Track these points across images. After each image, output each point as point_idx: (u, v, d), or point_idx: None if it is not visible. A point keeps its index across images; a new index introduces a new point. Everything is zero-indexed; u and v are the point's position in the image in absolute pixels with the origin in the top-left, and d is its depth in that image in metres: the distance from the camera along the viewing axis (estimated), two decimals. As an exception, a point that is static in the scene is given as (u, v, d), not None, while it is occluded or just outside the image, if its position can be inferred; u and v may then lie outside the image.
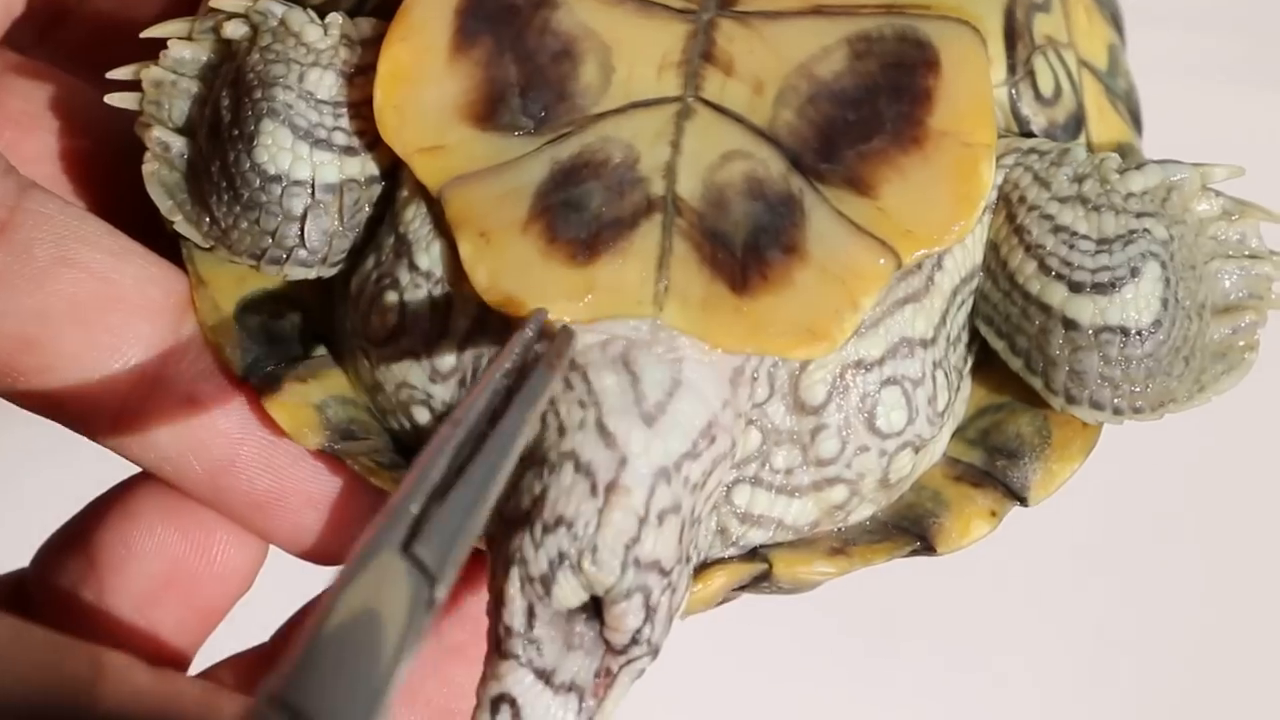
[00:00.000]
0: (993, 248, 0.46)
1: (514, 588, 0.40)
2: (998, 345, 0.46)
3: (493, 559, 0.41)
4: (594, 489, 0.40)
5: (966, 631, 0.86)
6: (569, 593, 0.40)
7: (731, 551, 0.45)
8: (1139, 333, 0.44)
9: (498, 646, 0.40)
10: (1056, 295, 0.45)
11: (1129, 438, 0.49)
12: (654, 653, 0.41)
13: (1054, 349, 0.45)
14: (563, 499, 0.40)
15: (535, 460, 0.41)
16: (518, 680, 0.40)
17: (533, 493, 0.40)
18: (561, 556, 0.39)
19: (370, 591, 0.31)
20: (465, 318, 0.43)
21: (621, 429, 0.40)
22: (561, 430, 0.41)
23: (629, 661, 0.41)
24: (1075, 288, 0.45)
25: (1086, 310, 0.44)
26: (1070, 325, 0.45)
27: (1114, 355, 0.45)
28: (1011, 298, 0.46)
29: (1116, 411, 0.45)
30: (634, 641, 0.40)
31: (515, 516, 0.41)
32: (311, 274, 0.46)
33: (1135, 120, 0.52)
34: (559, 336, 0.40)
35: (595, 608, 0.40)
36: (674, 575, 0.41)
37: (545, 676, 0.40)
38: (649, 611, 0.40)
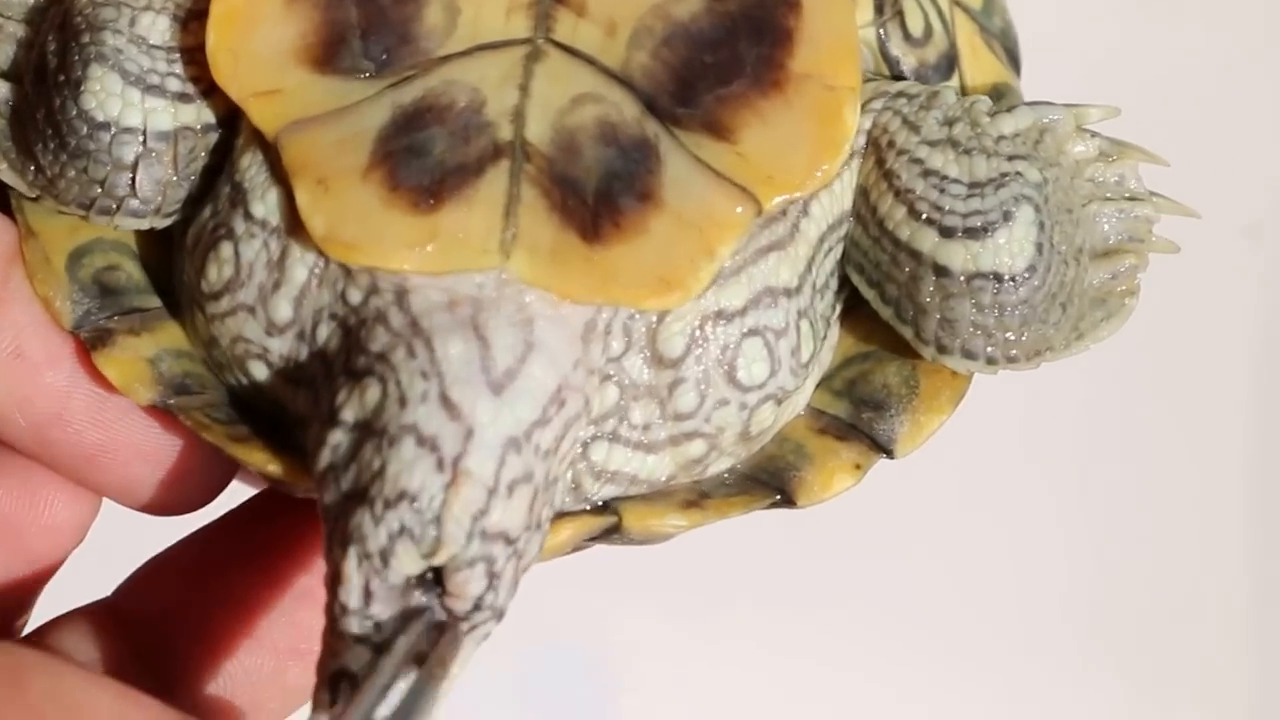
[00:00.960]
0: (862, 193, 0.45)
1: (351, 565, 0.38)
2: (868, 294, 0.45)
3: (329, 533, 0.40)
4: (440, 464, 0.38)
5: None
6: (408, 563, 0.38)
7: (583, 505, 0.44)
8: (1012, 279, 0.43)
9: (334, 624, 0.39)
10: (927, 241, 0.44)
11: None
12: (498, 617, 0.40)
13: (925, 297, 0.44)
14: (405, 474, 0.38)
15: (373, 432, 0.39)
16: (356, 657, 0.39)
17: (372, 468, 0.39)
18: (403, 529, 0.38)
19: None
20: (303, 268, 0.42)
21: (467, 400, 0.39)
22: (402, 402, 0.39)
23: (472, 627, 0.39)
24: (946, 233, 0.43)
25: (958, 256, 0.43)
26: (941, 272, 0.43)
27: (987, 302, 0.43)
28: (881, 244, 0.44)
29: (990, 361, 0.44)
30: (476, 608, 0.39)
31: (353, 491, 0.39)
32: (144, 224, 0.44)
33: (1013, 60, 0.51)
34: (444, 641, 0.39)
35: (435, 576, 0.39)
36: (520, 543, 0.39)
37: (384, 650, 0.39)
38: (492, 579, 0.39)
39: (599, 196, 0.41)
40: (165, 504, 0.46)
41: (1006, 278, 0.43)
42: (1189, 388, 0.91)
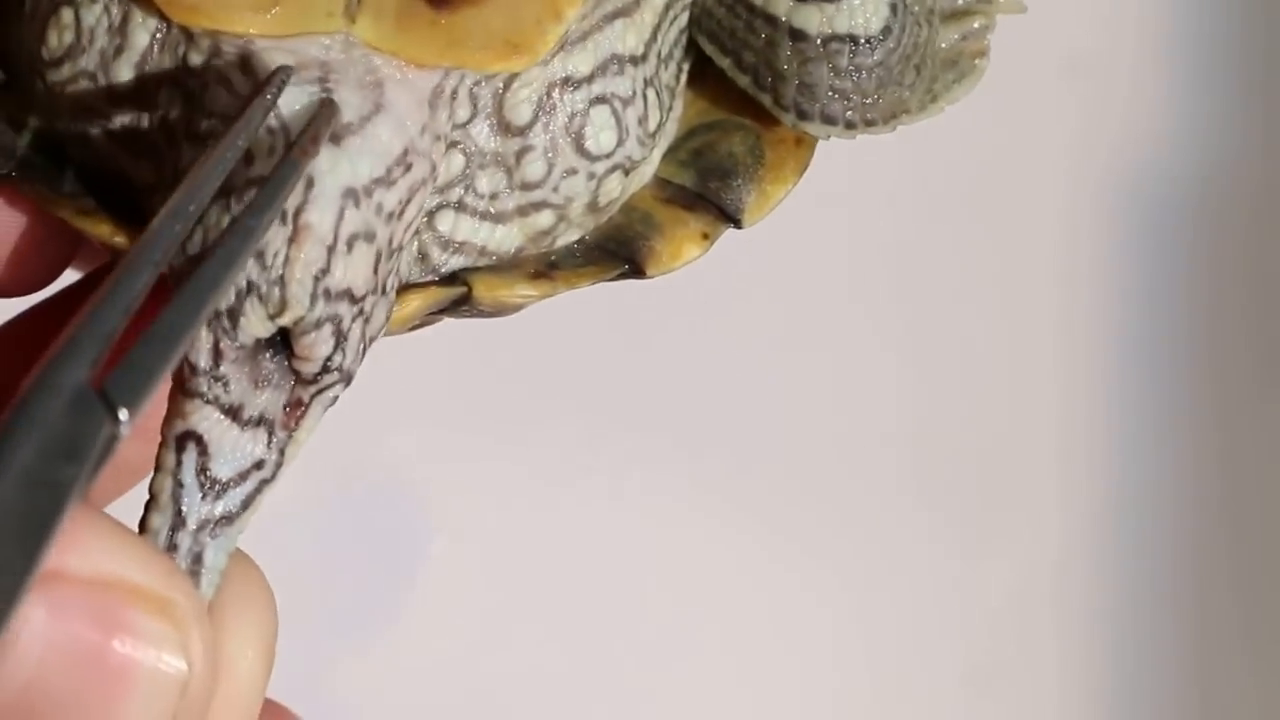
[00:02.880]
0: None
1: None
2: (722, 62, 0.45)
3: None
4: (282, 217, 0.38)
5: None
6: (256, 324, 0.38)
7: (431, 276, 0.44)
8: (868, 40, 0.43)
9: (182, 385, 0.39)
10: (782, 5, 0.44)
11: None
12: (347, 380, 0.40)
13: (781, 62, 0.44)
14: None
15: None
16: (204, 417, 0.39)
17: (220, 226, 0.38)
18: (250, 287, 0.38)
19: (44, 426, 0.30)
20: (144, 33, 0.41)
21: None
22: (249, 158, 0.39)
23: (320, 390, 0.40)
24: None
25: (814, 19, 0.43)
26: (797, 36, 0.44)
27: (844, 65, 0.44)
28: (735, 11, 0.44)
29: (849, 125, 0.44)
30: (325, 370, 0.39)
31: (199, 251, 0.39)
32: None
33: None
34: (320, 114, 0.38)
35: (283, 339, 0.39)
36: (367, 304, 0.39)
37: (232, 412, 0.39)
38: (340, 339, 0.39)
39: None
40: (5, 284, 0.45)
41: (862, 39, 0.43)
42: (1013, 220, 0.92)
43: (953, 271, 0.91)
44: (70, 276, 0.48)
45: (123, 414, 0.30)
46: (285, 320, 0.38)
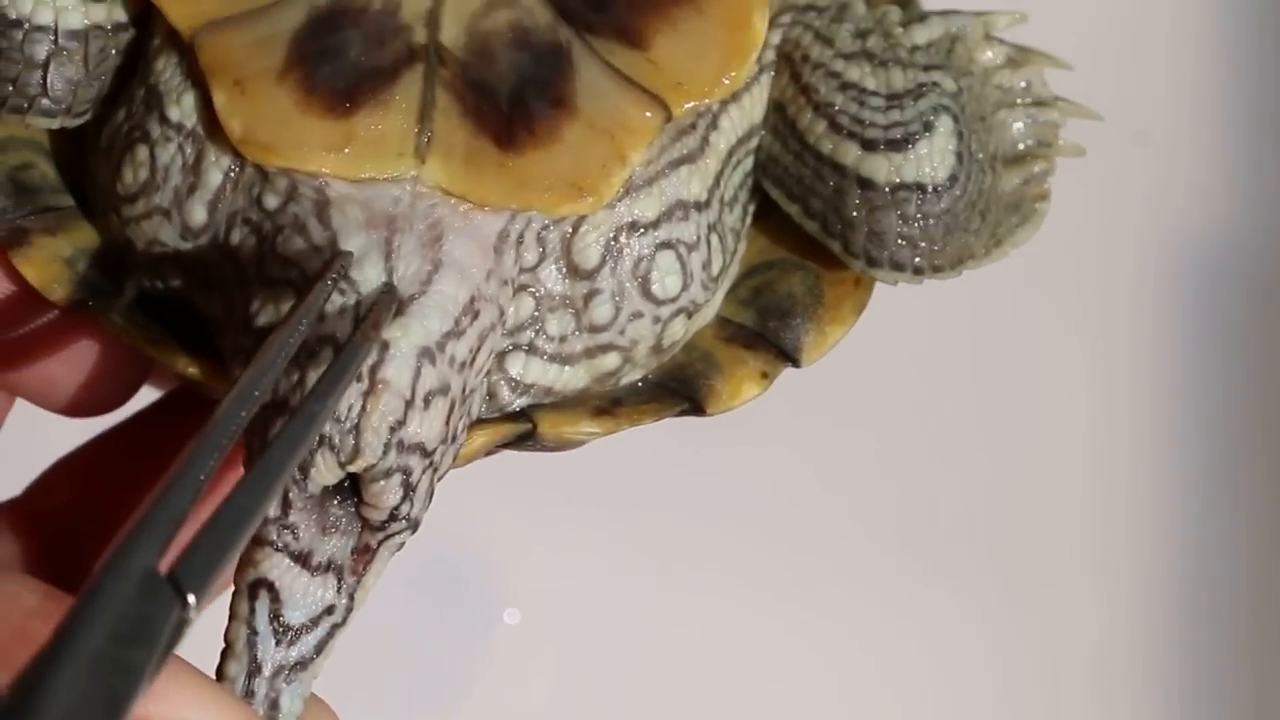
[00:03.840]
0: (778, 110, 0.45)
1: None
2: (791, 209, 0.46)
3: (247, 442, 0.40)
4: (358, 376, 0.39)
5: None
6: (326, 473, 0.39)
7: (497, 412, 0.44)
8: (935, 188, 0.44)
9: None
10: (850, 154, 0.44)
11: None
12: (414, 527, 0.41)
13: (850, 210, 0.44)
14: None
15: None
16: (274, 565, 0.40)
17: (290, 379, 0.39)
18: (321, 439, 0.38)
19: (115, 612, 0.30)
20: (218, 171, 0.42)
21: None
22: (320, 314, 0.39)
23: (387, 537, 0.40)
24: (869, 146, 0.44)
25: (881, 168, 0.44)
26: (866, 184, 0.44)
27: (912, 213, 0.44)
28: (803, 159, 0.45)
29: (917, 271, 0.45)
30: (392, 518, 0.40)
31: (271, 402, 0.39)
32: (55, 124, 0.44)
33: (915, -32, 0.52)
34: (380, 300, 0.39)
35: (351, 485, 0.40)
36: (437, 454, 0.40)
37: (302, 559, 0.40)
38: (408, 489, 0.40)
39: (513, 102, 0.41)
40: (80, 405, 0.46)
41: (930, 188, 0.44)
42: (1078, 289, 0.92)
43: (1008, 337, 0.91)
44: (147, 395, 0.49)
45: (191, 599, 0.31)
46: (356, 468, 0.39)
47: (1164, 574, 0.91)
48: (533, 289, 0.42)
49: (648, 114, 0.42)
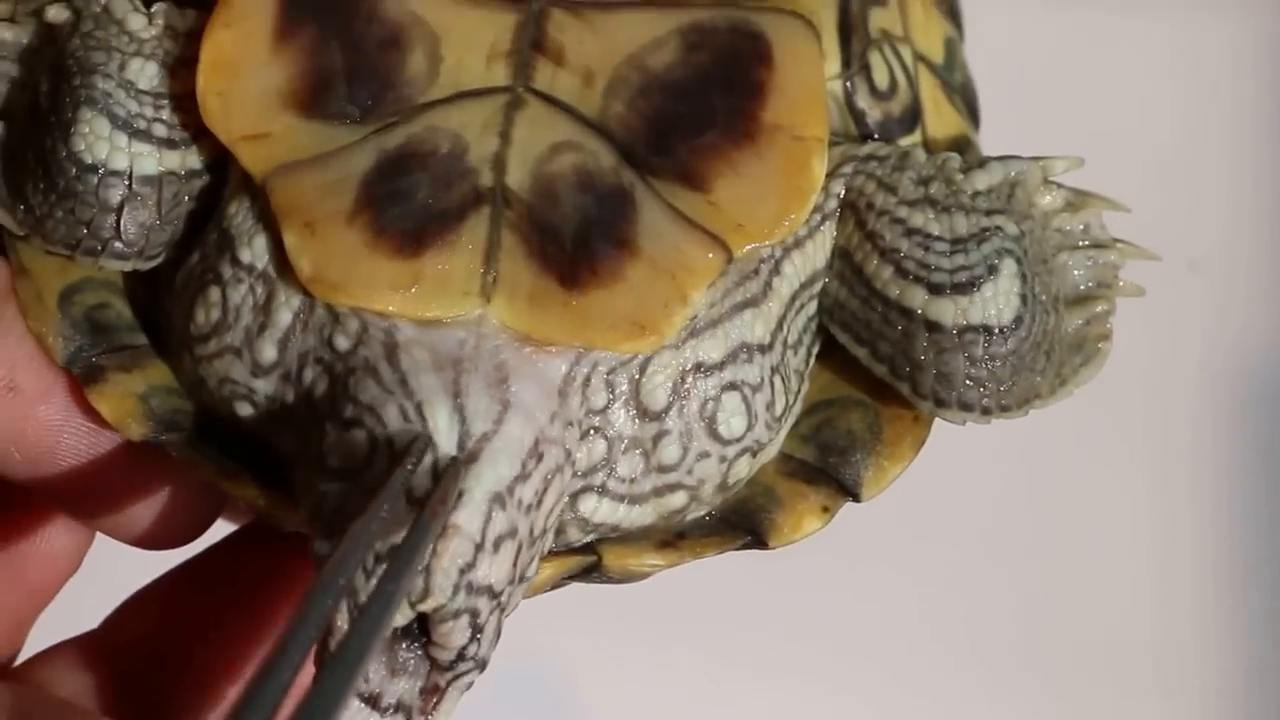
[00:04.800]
0: (845, 256, 0.46)
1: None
2: (859, 352, 0.46)
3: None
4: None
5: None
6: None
7: (562, 547, 0.45)
8: (1001, 330, 0.44)
9: None
10: (917, 298, 0.45)
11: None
12: (481, 666, 0.41)
13: (919, 353, 0.45)
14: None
15: (362, 485, 0.40)
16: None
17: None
18: None
19: None
20: (288, 311, 0.42)
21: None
22: (393, 459, 0.40)
23: (456, 677, 0.40)
24: (935, 290, 0.45)
25: (948, 311, 0.44)
26: (933, 328, 0.45)
27: (979, 355, 0.44)
28: (871, 304, 0.45)
29: (985, 411, 0.45)
30: (460, 658, 0.40)
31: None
32: (128, 266, 0.45)
33: (972, 113, 0.52)
34: (448, 474, 0.39)
35: (420, 627, 0.40)
36: (504, 595, 0.40)
37: (372, 700, 0.40)
38: (476, 630, 0.40)
39: (577, 243, 0.41)
40: (155, 538, 0.46)
41: (996, 329, 0.44)
42: (1140, 416, 0.92)
43: (1072, 461, 0.91)
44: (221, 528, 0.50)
45: None
46: (425, 608, 0.39)
47: (1228, 698, 0.90)
48: (604, 431, 0.43)
49: (709, 255, 0.42)
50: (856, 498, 0.46)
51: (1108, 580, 0.91)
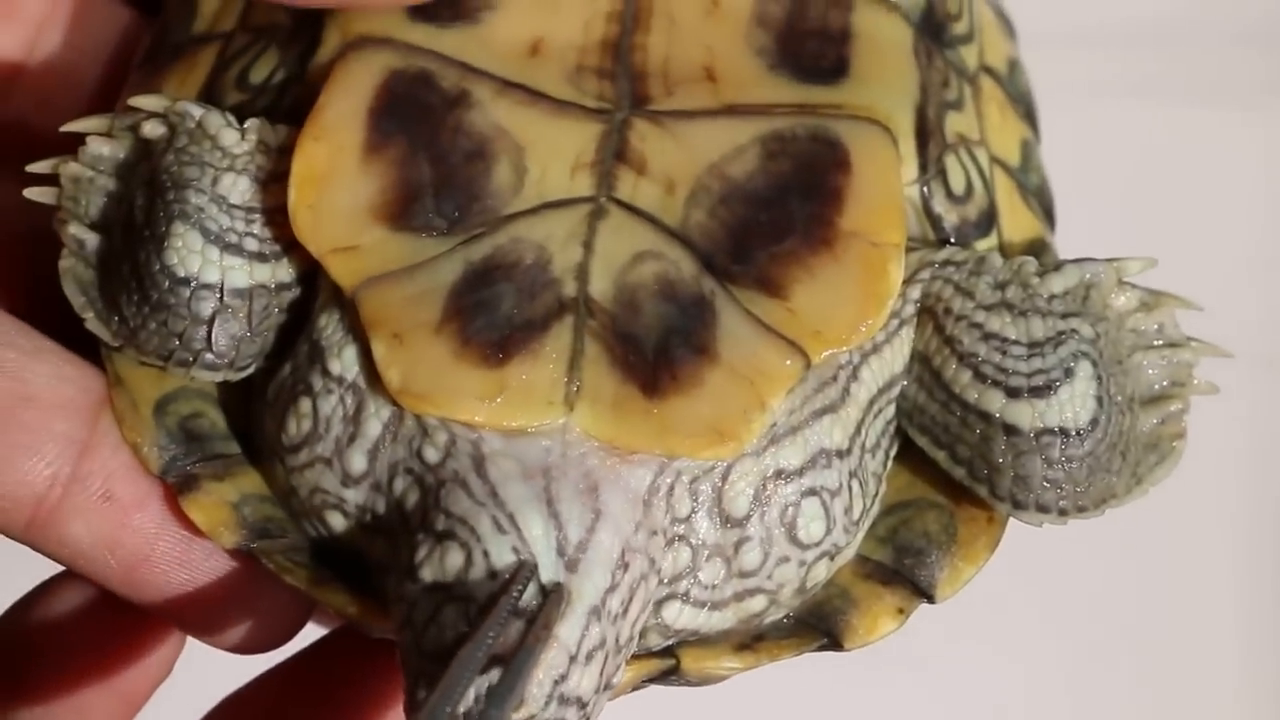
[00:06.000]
0: (923, 360, 0.46)
1: None
2: (937, 455, 0.47)
3: (411, 689, 0.41)
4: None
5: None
6: None
7: (643, 651, 0.45)
8: (1078, 432, 0.45)
9: None
10: (995, 402, 0.45)
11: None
12: None
13: (997, 456, 0.45)
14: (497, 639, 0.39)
15: (457, 597, 0.40)
16: None
17: (458, 629, 0.40)
18: (490, 692, 0.39)
19: None
20: (377, 421, 0.43)
21: (559, 576, 0.40)
22: (492, 575, 0.40)
23: None
24: (1012, 393, 0.45)
25: (1026, 414, 0.45)
26: (1011, 430, 0.45)
27: (1056, 457, 0.45)
28: (950, 408, 0.46)
29: (1062, 512, 0.46)
30: None
31: (436, 652, 0.40)
32: (218, 377, 0.46)
33: (1047, 215, 0.53)
34: (550, 599, 0.40)
35: None
36: (591, 706, 0.41)
37: None
38: None
39: (658, 351, 0.42)
40: (247, 643, 0.47)
41: (1073, 432, 0.45)
42: (1223, 513, 0.92)
43: (1154, 559, 0.90)
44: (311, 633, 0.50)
45: None
46: (518, 717, 0.40)
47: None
48: (689, 539, 0.43)
49: (787, 361, 0.43)
50: (931, 599, 0.47)
51: (1195, 685, 0.90)
